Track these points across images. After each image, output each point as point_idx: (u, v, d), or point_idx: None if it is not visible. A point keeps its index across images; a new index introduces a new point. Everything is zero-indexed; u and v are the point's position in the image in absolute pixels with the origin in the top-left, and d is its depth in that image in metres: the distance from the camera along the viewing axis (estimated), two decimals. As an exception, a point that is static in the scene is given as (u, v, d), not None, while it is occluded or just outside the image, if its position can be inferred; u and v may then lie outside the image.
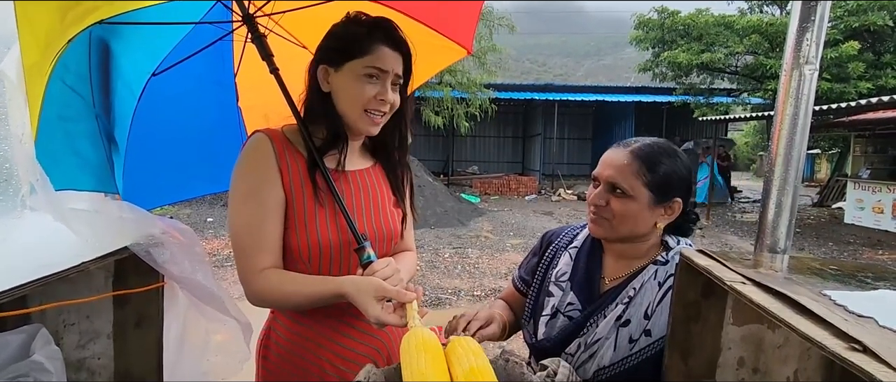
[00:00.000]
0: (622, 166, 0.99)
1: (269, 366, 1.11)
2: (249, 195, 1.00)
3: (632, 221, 1.00)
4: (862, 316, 0.54)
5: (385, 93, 1.03)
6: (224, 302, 1.04)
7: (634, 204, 0.99)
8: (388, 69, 1.02)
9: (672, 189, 1.00)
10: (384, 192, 1.15)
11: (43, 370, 0.84)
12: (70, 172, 1.05)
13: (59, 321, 0.96)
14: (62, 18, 0.90)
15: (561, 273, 1.11)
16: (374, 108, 1.03)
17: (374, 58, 1.01)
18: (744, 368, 0.85)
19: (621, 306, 0.99)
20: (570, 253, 1.13)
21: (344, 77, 1.03)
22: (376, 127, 1.06)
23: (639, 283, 1.00)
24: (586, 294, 1.06)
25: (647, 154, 1.00)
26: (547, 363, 0.98)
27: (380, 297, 0.90)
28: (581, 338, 1.01)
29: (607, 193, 1.01)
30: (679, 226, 1.07)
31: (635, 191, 0.98)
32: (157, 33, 1.24)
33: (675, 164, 1.01)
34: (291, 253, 1.02)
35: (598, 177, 1.03)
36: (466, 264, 5.80)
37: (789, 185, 0.95)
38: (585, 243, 1.13)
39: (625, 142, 1.05)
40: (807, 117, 0.92)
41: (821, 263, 0.81)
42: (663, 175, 0.99)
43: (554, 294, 1.09)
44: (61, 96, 0.99)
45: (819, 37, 0.88)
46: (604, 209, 1.01)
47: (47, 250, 0.89)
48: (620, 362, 0.98)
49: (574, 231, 1.19)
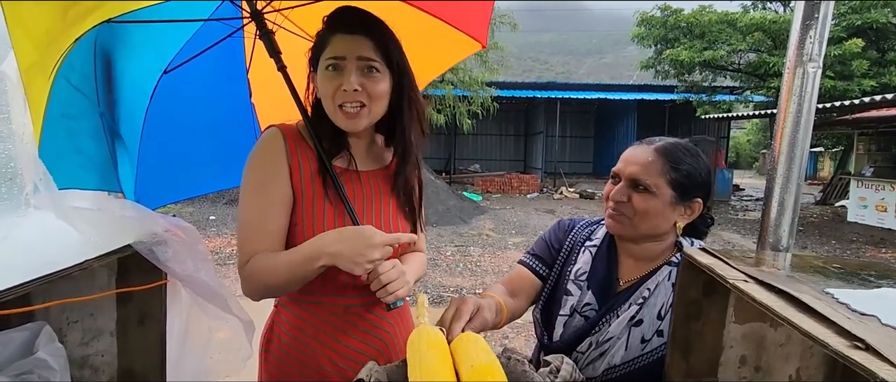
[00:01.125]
0: (647, 163, 0.98)
1: (271, 362, 1.11)
2: (257, 189, 1.00)
3: (653, 219, 0.99)
4: (865, 315, 0.54)
5: (347, 81, 0.97)
6: (226, 300, 1.05)
7: (657, 202, 0.98)
8: (344, 55, 0.97)
9: (693, 188, 1.00)
10: (396, 195, 1.12)
11: (47, 367, 0.85)
12: (74, 171, 1.05)
13: (62, 318, 0.96)
14: (63, 17, 0.90)
15: (581, 271, 1.09)
16: (344, 102, 0.98)
17: (332, 47, 0.98)
18: (745, 366, 0.85)
19: (635, 307, 0.99)
20: (589, 252, 1.11)
21: (318, 77, 1.02)
22: (354, 121, 1.00)
23: (653, 284, 1.00)
24: (603, 294, 1.05)
25: (671, 152, 0.99)
26: (550, 359, 0.98)
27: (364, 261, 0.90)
28: (592, 337, 1.01)
29: (629, 189, 1.00)
30: (694, 227, 1.06)
31: (658, 188, 0.98)
32: (165, 31, 1.24)
33: (698, 164, 1.01)
34: None
35: (620, 174, 1.02)
36: (468, 262, 5.81)
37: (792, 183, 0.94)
38: (603, 242, 1.11)
39: (647, 140, 1.04)
40: (810, 115, 0.91)
41: (823, 261, 0.80)
42: (686, 173, 0.99)
43: (573, 293, 1.07)
44: (66, 95, 0.99)
45: (822, 34, 0.88)
46: (624, 205, 1.00)
47: (51, 248, 0.90)
48: (632, 361, 0.98)
49: (591, 226, 1.16)
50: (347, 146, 1.07)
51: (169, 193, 1.47)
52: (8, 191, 0.95)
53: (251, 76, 1.49)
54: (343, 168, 1.06)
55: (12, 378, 0.81)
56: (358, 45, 0.98)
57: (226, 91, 1.50)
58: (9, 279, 0.71)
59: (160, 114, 1.29)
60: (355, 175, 1.08)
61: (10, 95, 0.90)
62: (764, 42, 11.06)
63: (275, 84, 1.20)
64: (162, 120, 1.30)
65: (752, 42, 11.14)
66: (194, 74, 1.32)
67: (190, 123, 1.45)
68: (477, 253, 6.26)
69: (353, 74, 0.97)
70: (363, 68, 0.99)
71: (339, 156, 1.06)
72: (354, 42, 0.98)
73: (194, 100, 1.44)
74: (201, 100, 1.47)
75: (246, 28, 1.32)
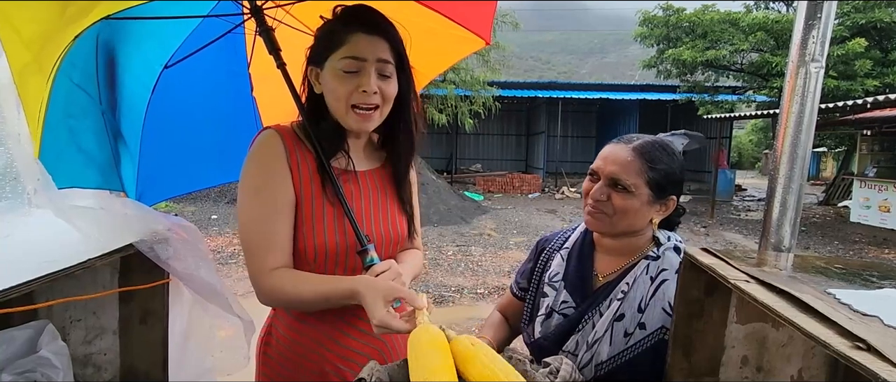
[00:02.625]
0: (626, 163, 1.00)
1: (269, 364, 1.11)
2: (258, 192, 0.98)
3: (631, 217, 1.01)
4: (867, 315, 0.54)
5: (367, 83, 0.95)
6: (227, 299, 1.05)
7: (635, 201, 1.00)
8: (365, 57, 0.96)
9: (669, 186, 1.02)
10: (392, 194, 1.12)
11: (50, 365, 0.85)
12: (75, 170, 1.05)
13: (65, 317, 0.97)
14: (60, 15, 0.90)
15: (554, 274, 1.12)
16: (360, 103, 0.97)
17: (349, 47, 0.96)
18: (747, 366, 0.85)
19: (617, 302, 1.01)
20: (561, 255, 1.14)
21: (326, 75, 0.99)
22: (367, 123, 0.99)
23: (632, 278, 1.02)
24: (580, 291, 1.07)
25: (649, 151, 1.01)
26: (549, 360, 0.98)
27: (389, 300, 0.88)
28: (578, 336, 1.02)
29: (608, 188, 1.02)
30: (668, 220, 1.09)
31: (637, 188, 0.99)
32: (166, 27, 1.24)
33: (673, 163, 1.03)
34: (297, 254, 1.01)
35: (599, 173, 1.04)
36: (470, 262, 5.81)
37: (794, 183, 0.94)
38: (577, 243, 1.14)
39: (625, 138, 1.05)
40: (812, 115, 0.91)
41: (826, 261, 0.80)
42: (663, 173, 1.01)
43: (548, 294, 1.11)
44: (67, 94, 0.99)
45: (825, 34, 0.88)
46: (604, 204, 1.02)
47: (54, 247, 0.90)
48: (617, 356, 0.99)
49: (566, 234, 1.21)
50: (345, 146, 1.06)
51: (171, 187, 1.47)
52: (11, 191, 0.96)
53: (252, 70, 1.49)
54: (341, 169, 1.05)
55: (15, 376, 0.82)
56: (377, 47, 0.97)
57: (227, 85, 1.51)
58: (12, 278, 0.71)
59: (161, 108, 1.29)
60: (353, 175, 1.07)
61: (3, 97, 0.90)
62: (766, 42, 11.02)
63: (276, 78, 1.20)
64: (163, 114, 1.30)
65: (754, 41, 11.10)
66: (195, 69, 1.32)
67: (191, 117, 1.45)
68: (478, 253, 6.26)
69: (372, 77, 0.96)
70: (380, 71, 0.98)
71: (336, 157, 1.06)
72: (374, 43, 0.97)
73: (195, 94, 1.44)
74: (202, 94, 1.47)
75: (247, 23, 1.32)
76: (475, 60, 11.79)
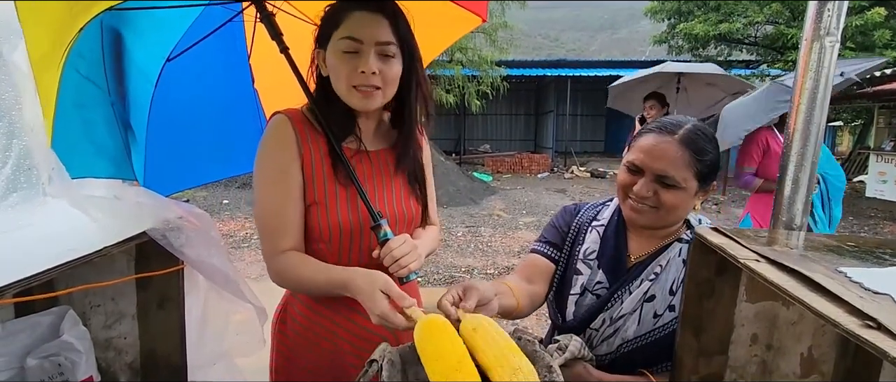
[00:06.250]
0: (675, 158, 0.95)
1: (286, 343, 1.14)
2: (273, 178, 1.01)
3: (681, 211, 1.00)
4: (878, 293, 0.54)
5: (365, 64, 0.95)
6: (239, 285, 1.07)
7: (685, 194, 0.97)
8: (363, 36, 0.96)
9: (713, 174, 0.99)
10: (404, 172, 1.13)
11: (73, 349, 0.88)
12: (87, 160, 1.07)
13: (85, 303, 0.99)
14: (70, 8, 0.91)
15: (589, 251, 1.10)
16: (360, 83, 0.97)
17: (347, 26, 0.96)
18: (757, 344, 0.85)
19: (647, 282, 1.00)
20: (597, 231, 1.11)
21: (329, 55, 1.00)
22: (370, 101, 0.99)
23: (665, 260, 1.01)
24: (614, 272, 1.06)
25: (695, 141, 0.97)
26: (559, 338, 0.99)
27: (387, 292, 0.87)
28: (606, 313, 1.03)
29: (655, 184, 0.98)
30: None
31: (686, 182, 0.96)
32: (167, 17, 1.24)
33: (716, 149, 1.00)
34: (312, 233, 1.04)
35: (643, 168, 0.98)
36: (479, 242, 5.83)
37: (807, 161, 0.93)
38: (611, 221, 1.12)
39: (666, 128, 0.99)
40: (827, 91, 0.89)
41: (838, 240, 0.79)
42: (709, 163, 0.98)
43: (582, 272, 1.09)
44: (76, 85, 1.00)
45: (840, 7, 0.85)
46: (650, 199, 0.98)
47: (72, 235, 0.92)
48: (644, 335, 1.00)
49: (596, 208, 1.17)
50: (357, 127, 1.07)
51: (177, 182, 1.48)
52: (27, 181, 0.97)
53: (253, 62, 1.48)
54: (354, 150, 1.06)
55: (41, 359, 0.85)
56: (377, 27, 0.96)
57: (228, 79, 1.50)
58: (33, 266, 0.73)
59: (165, 102, 1.30)
60: (365, 155, 1.08)
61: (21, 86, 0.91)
62: (782, 13, 10.69)
63: (277, 69, 1.19)
64: (167, 108, 1.31)
65: (769, 13, 10.78)
66: (196, 62, 1.32)
67: (194, 112, 1.46)
68: (488, 234, 6.27)
69: (371, 58, 0.96)
70: (380, 52, 0.98)
71: (348, 138, 1.06)
72: (373, 22, 0.96)
73: (198, 88, 1.44)
74: (204, 88, 1.47)
75: (246, 12, 1.31)
76: (483, 40, 11.61)
